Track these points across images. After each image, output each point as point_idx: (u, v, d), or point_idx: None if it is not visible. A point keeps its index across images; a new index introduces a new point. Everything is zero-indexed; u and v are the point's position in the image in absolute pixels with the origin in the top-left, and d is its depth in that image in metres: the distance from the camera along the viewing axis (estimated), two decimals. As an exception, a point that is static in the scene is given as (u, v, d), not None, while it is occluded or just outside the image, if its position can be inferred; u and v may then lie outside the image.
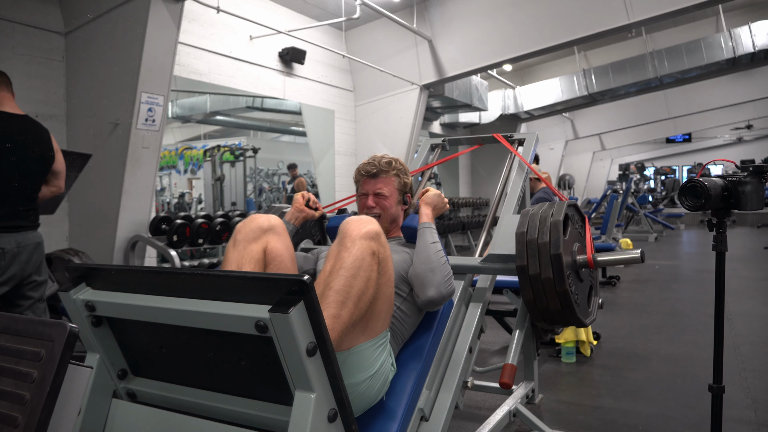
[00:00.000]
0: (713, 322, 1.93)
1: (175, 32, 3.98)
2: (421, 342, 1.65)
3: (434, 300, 1.58)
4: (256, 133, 12.07)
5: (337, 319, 1.23)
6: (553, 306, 1.68)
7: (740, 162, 2.11)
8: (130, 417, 1.23)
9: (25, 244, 2.44)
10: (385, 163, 1.87)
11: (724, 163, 13.49)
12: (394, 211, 1.86)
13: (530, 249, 1.68)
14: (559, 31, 5.85)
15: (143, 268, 1.23)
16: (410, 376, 1.56)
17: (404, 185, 1.90)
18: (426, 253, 1.62)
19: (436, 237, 1.69)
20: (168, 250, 4.02)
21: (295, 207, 1.90)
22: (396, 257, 1.64)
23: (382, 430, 1.44)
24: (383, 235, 1.40)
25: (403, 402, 1.50)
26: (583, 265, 1.76)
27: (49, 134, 2.58)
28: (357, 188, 1.92)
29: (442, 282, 1.58)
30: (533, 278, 1.68)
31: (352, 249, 1.31)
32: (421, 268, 1.60)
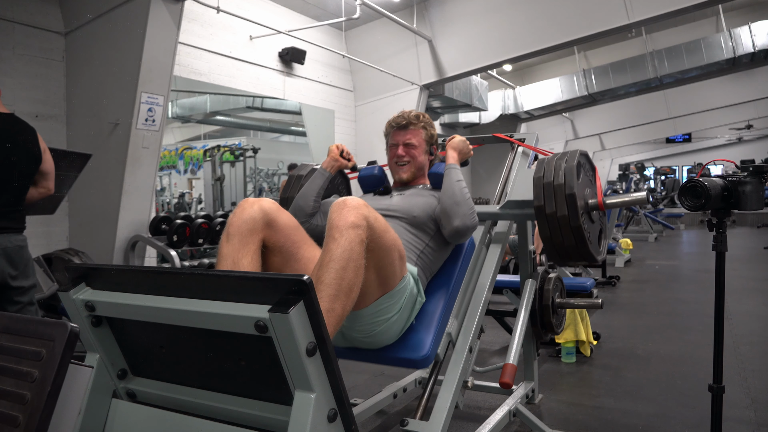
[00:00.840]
0: (713, 322, 1.93)
1: (175, 32, 3.98)
2: (448, 275, 1.87)
3: (460, 230, 1.76)
4: (256, 133, 12.07)
5: (331, 312, 1.26)
6: (569, 242, 1.82)
7: (740, 162, 2.12)
8: (130, 417, 1.23)
9: (5, 246, 2.35)
10: (413, 116, 2.05)
11: (724, 163, 13.49)
12: (421, 160, 2.04)
13: (547, 191, 1.82)
14: (559, 31, 5.85)
15: (143, 268, 1.23)
16: (439, 304, 1.77)
17: (431, 137, 2.08)
18: (452, 188, 1.82)
19: (461, 176, 1.88)
20: (168, 250, 4.02)
21: (330, 157, 2.10)
22: (422, 200, 1.88)
23: (416, 351, 1.64)
24: (371, 215, 1.41)
25: (433, 326, 1.70)
26: (594, 208, 1.90)
27: (36, 134, 2.50)
28: (387, 141, 2.10)
29: (467, 214, 1.78)
30: (550, 217, 1.82)
31: (340, 240, 1.33)
32: (448, 202, 1.79)
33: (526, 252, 2.36)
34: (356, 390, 2.87)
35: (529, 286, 2.28)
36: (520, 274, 2.40)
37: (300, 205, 1.99)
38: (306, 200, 2.00)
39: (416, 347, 1.64)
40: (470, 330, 1.84)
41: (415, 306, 1.67)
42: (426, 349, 1.64)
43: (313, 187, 2.03)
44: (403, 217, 1.85)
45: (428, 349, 1.64)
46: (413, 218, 1.84)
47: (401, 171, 2.04)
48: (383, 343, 1.64)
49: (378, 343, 1.64)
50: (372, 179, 2.12)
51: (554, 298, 2.51)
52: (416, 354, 1.64)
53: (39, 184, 2.54)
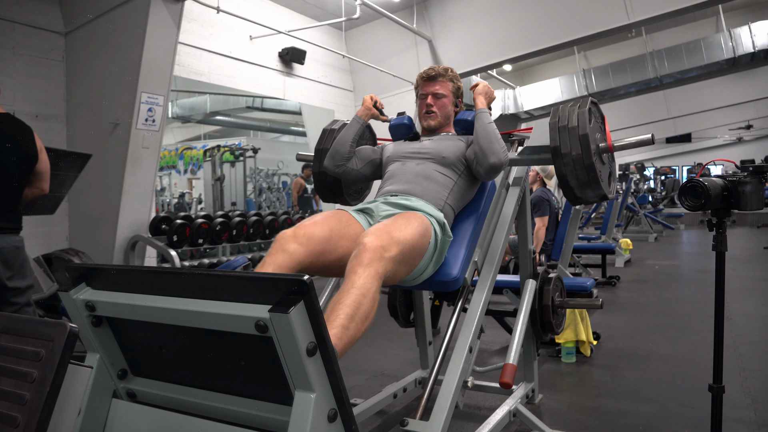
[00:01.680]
0: (713, 322, 1.93)
1: (175, 32, 3.98)
2: (474, 211, 2.09)
3: (495, 165, 1.94)
4: (256, 133, 12.08)
5: (346, 330, 1.32)
6: (582, 179, 1.95)
7: (740, 162, 2.12)
8: (130, 417, 1.23)
9: (1, 247, 2.33)
10: (442, 69, 2.19)
11: (724, 163, 13.49)
12: (448, 110, 2.20)
13: (562, 133, 1.96)
14: (559, 31, 5.86)
15: (143, 268, 1.23)
16: (465, 236, 1.99)
17: (457, 89, 2.23)
18: (485, 129, 2.00)
19: (491, 119, 2.05)
20: (168, 250, 4.02)
21: (365, 106, 2.24)
22: (451, 144, 2.07)
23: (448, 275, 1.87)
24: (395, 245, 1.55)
25: (461, 255, 1.92)
26: (604, 150, 2.02)
27: (33, 133, 2.48)
28: (417, 93, 2.24)
29: (501, 150, 1.95)
30: (565, 156, 1.95)
31: (362, 275, 1.45)
32: (484, 141, 1.96)
33: (526, 252, 2.36)
34: (356, 390, 2.87)
35: (529, 286, 2.28)
36: (520, 274, 2.40)
37: (338, 150, 2.18)
38: (343, 145, 2.18)
39: (447, 272, 1.88)
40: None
41: (445, 246, 1.86)
42: (456, 272, 1.87)
43: (350, 133, 2.20)
44: (434, 158, 2.04)
45: (458, 272, 1.87)
46: (443, 158, 2.03)
47: (429, 118, 2.19)
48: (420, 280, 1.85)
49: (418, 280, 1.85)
50: (402, 128, 2.28)
51: (554, 298, 2.51)
52: (447, 276, 1.87)
53: (33, 183, 2.52)
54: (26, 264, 2.48)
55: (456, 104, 2.24)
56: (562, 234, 4.50)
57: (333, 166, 2.20)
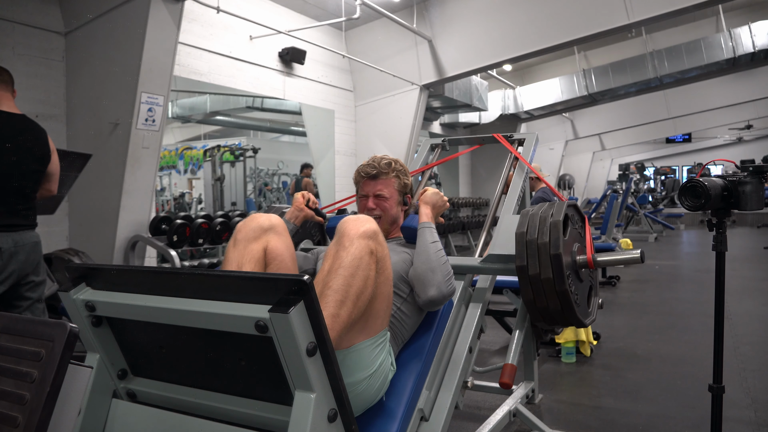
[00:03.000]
0: (713, 322, 1.93)
1: (175, 32, 3.98)
2: (421, 342, 1.66)
3: (435, 299, 1.58)
4: (256, 133, 12.07)
5: (336, 318, 1.24)
6: (553, 306, 1.68)
7: (740, 162, 2.12)
8: (130, 417, 1.23)
9: (23, 244, 2.43)
10: (384, 164, 1.87)
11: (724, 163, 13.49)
12: (394, 212, 1.87)
13: (530, 249, 1.68)
14: (559, 31, 5.85)
15: (143, 268, 1.23)
16: (410, 376, 1.57)
17: (404, 186, 1.90)
18: (426, 252, 1.63)
19: (435, 236, 1.70)
20: (168, 250, 4.02)
21: (295, 206, 1.90)
22: (396, 258, 1.66)
23: (382, 429, 1.44)
24: (381, 234, 1.40)
25: (403, 402, 1.50)
26: (582, 266, 1.77)
27: (47, 135, 2.57)
28: (357, 190, 1.93)
29: (443, 281, 1.59)
30: (533, 278, 1.68)
31: (350, 248, 1.31)
32: (422, 267, 1.61)
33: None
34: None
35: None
36: (520, 274, 2.39)
37: None
38: None
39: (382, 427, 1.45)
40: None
41: (388, 377, 1.49)
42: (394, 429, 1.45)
43: None
44: None
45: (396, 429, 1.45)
46: None
47: None
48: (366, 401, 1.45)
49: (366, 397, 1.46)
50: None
51: (554, 298, 2.50)
52: None
53: (42, 185, 2.60)
54: (41, 260, 2.57)
55: (405, 202, 1.91)
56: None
57: None
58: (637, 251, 1.78)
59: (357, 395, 1.39)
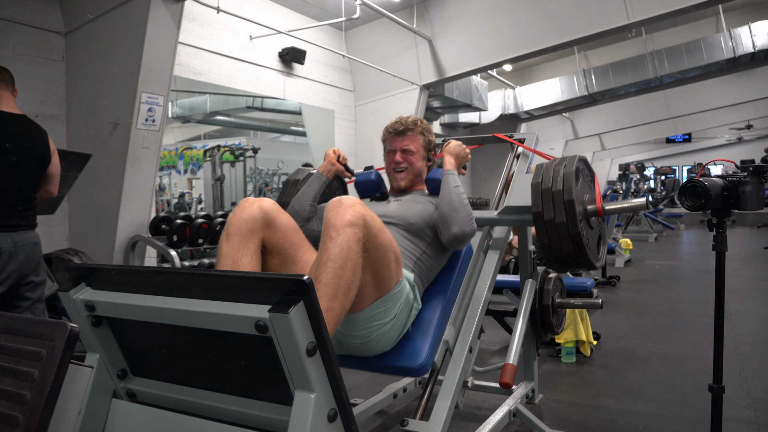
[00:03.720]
0: (713, 322, 1.93)
1: (175, 32, 3.98)
2: (445, 282, 1.84)
3: (458, 236, 1.74)
4: (256, 133, 12.07)
5: (329, 312, 1.26)
6: (567, 248, 1.81)
7: (740, 162, 2.12)
8: (130, 417, 1.23)
9: (23, 244, 2.43)
10: (411, 122, 2.03)
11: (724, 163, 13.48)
12: (419, 166, 2.03)
13: (545, 197, 1.82)
14: (559, 31, 5.85)
15: (143, 268, 1.23)
16: (435, 311, 1.75)
17: (429, 143, 2.06)
18: (450, 195, 1.79)
19: (458, 182, 1.85)
20: (168, 250, 4.02)
21: (327, 161, 2.06)
22: (420, 206, 1.86)
23: (413, 359, 1.61)
24: (367, 213, 1.41)
25: (429, 334, 1.67)
26: (592, 214, 1.89)
27: (47, 136, 2.57)
28: (384, 147, 2.08)
29: (466, 220, 1.75)
30: (548, 223, 1.81)
31: (337, 239, 1.33)
32: (446, 208, 1.77)
33: (526, 252, 2.36)
34: (356, 390, 2.87)
35: (529, 286, 2.28)
36: (520, 274, 2.40)
37: (296, 210, 1.95)
38: (302, 204, 1.96)
39: (413, 355, 1.62)
40: (468, 337, 1.82)
41: (411, 312, 1.65)
42: (422, 358, 1.61)
43: (309, 192, 1.99)
44: (399, 223, 1.83)
45: (425, 358, 1.62)
46: (410, 225, 1.82)
47: (399, 178, 2.03)
48: (379, 350, 1.63)
49: (374, 351, 1.63)
50: (369, 184, 2.09)
51: (554, 298, 2.51)
52: (413, 362, 1.61)
53: (42, 186, 2.59)
54: (41, 260, 2.57)
55: (428, 158, 2.07)
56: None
57: None
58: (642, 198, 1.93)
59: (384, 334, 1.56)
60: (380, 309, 1.53)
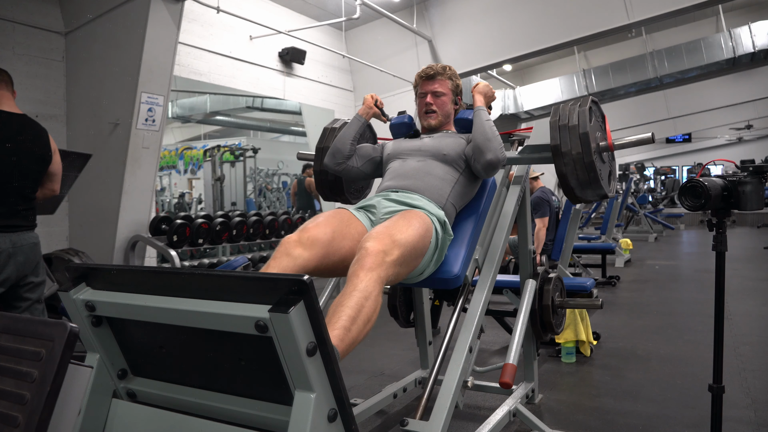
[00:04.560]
0: (713, 322, 1.93)
1: (175, 32, 3.98)
2: (475, 209, 2.10)
3: (492, 162, 1.95)
4: (256, 133, 12.08)
5: (347, 331, 1.32)
6: (582, 176, 1.96)
7: (740, 162, 2.12)
8: (130, 417, 1.23)
9: (21, 244, 2.42)
10: (440, 67, 2.19)
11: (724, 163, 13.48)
12: (448, 108, 2.20)
13: (562, 132, 1.97)
14: (559, 31, 5.85)
15: (143, 268, 1.23)
16: (466, 233, 2.01)
17: (456, 87, 2.23)
18: (482, 126, 2.00)
19: (489, 117, 2.06)
20: (168, 250, 4.02)
21: (366, 104, 2.25)
22: (452, 141, 2.07)
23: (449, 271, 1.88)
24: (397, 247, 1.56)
25: (462, 253, 1.94)
26: (604, 149, 2.03)
27: (48, 135, 2.56)
28: (416, 92, 2.24)
29: (498, 148, 1.96)
30: (566, 154, 1.96)
31: (364, 279, 1.44)
32: (480, 138, 1.97)
33: (526, 252, 2.36)
34: (356, 390, 2.87)
35: (529, 286, 2.28)
36: (520, 274, 2.40)
37: (338, 148, 2.18)
38: (344, 143, 2.18)
39: (448, 270, 1.89)
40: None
41: (445, 245, 1.87)
42: (457, 270, 1.88)
43: (350, 132, 2.21)
44: (434, 155, 2.05)
45: (459, 270, 1.88)
46: (444, 156, 2.04)
47: (429, 118, 2.19)
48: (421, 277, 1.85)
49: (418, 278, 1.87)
50: (403, 127, 2.30)
51: (554, 298, 2.51)
52: (448, 274, 1.88)
53: (45, 185, 2.59)
54: (41, 261, 2.56)
55: (456, 102, 2.24)
56: (562, 234, 4.50)
57: (333, 164, 2.20)
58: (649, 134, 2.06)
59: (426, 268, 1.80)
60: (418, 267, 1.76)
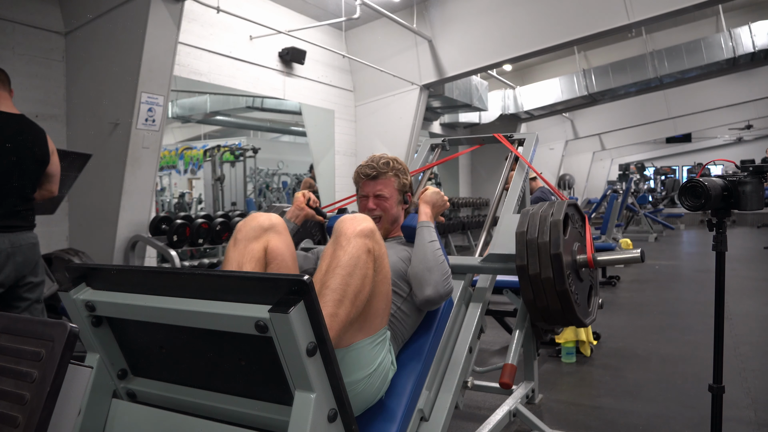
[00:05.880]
0: (713, 322, 1.93)
1: (175, 32, 3.98)
2: (421, 342, 1.66)
3: (432, 299, 1.58)
4: (256, 133, 12.07)
5: (334, 317, 1.24)
6: (553, 305, 1.69)
7: (740, 162, 2.11)
8: (130, 417, 1.23)
9: (20, 245, 2.41)
10: (383, 164, 1.86)
11: (724, 163, 13.49)
12: (395, 212, 1.86)
13: (530, 248, 1.68)
14: (559, 31, 5.85)
15: (143, 268, 1.23)
16: (410, 376, 1.56)
17: (404, 185, 1.89)
18: (423, 252, 1.63)
19: (434, 236, 1.69)
20: (168, 250, 4.01)
21: (295, 205, 1.89)
22: (396, 257, 1.66)
23: (382, 429, 1.44)
24: (378, 233, 1.40)
25: (402, 402, 1.50)
26: (583, 265, 1.77)
27: (46, 135, 2.55)
28: (357, 190, 1.92)
29: (440, 281, 1.58)
30: (533, 278, 1.68)
31: (347, 247, 1.31)
32: (419, 267, 1.61)
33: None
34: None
35: (529, 286, 2.26)
36: (520, 274, 2.39)
37: None
38: None
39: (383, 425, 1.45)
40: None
41: (388, 376, 1.49)
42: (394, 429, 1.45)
43: None
44: None
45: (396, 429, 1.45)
46: None
47: None
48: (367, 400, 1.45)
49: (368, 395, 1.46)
50: None
51: (554, 298, 2.50)
52: None
53: (43, 186, 2.59)
54: (40, 261, 2.56)
55: (405, 200, 1.90)
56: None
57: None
58: (638, 251, 1.79)
59: (357, 394, 1.39)
60: (361, 353, 1.40)
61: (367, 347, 1.41)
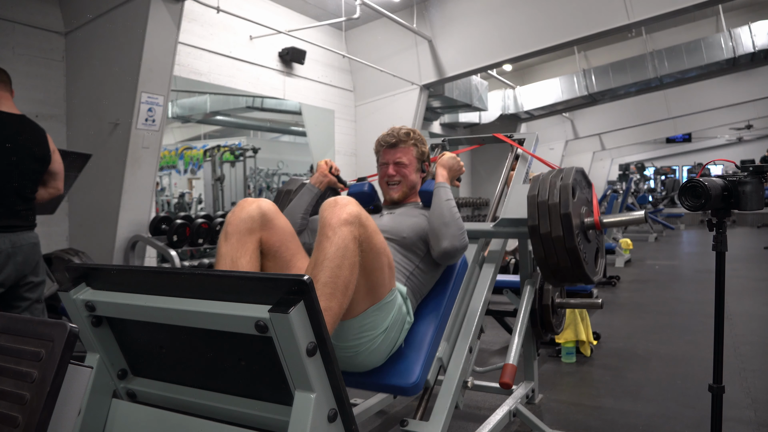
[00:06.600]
0: (713, 322, 1.93)
1: (175, 32, 3.98)
2: (439, 297, 1.79)
3: (448, 251, 1.69)
4: (256, 133, 12.07)
5: (328, 311, 1.26)
6: (563, 263, 1.77)
7: (740, 162, 2.11)
8: (130, 417, 1.22)
9: (21, 245, 2.42)
10: (403, 133, 1.97)
11: (724, 163, 13.48)
12: (413, 178, 1.97)
13: (541, 210, 1.78)
14: (559, 31, 5.85)
15: (143, 268, 1.23)
16: (429, 327, 1.69)
17: (422, 154, 2.00)
18: (440, 208, 1.75)
19: (450, 195, 1.81)
20: (168, 250, 4.01)
21: (319, 172, 2.02)
22: (414, 219, 1.81)
23: (404, 377, 1.55)
24: (363, 213, 1.40)
25: (423, 351, 1.62)
26: (590, 227, 1.86)
27: (46, 135, 2.56)
28: (377, 159, 2.02)
29: (456, 234, 1.70)
30: (544, 237, 1.77)
31: (333, 238, 1.32)
32: (436, 222, 1.73)
33: (527, 252, 2.36)
34: (356, 390, 2.87)
35: (529, 286, 2.28)
36: (520, 274, 2.40)
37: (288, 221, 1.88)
38: (293, 217, 1.91)
39: (404, 373, 1.55)
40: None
41: (404, 327, 1.60)
42: (415, 376, 1.55)
43: (301, 204, 1.96)
44: (392, 237, 1.77)
45: (417, 376, 1.55)
46: (402, 239, 1.77)
47: (392, 191, 1.97)
48: (369, 365, 1.57)
49: (363, 365, 1.57)
50: (362, 196, 2.02)
51: (554, 298, 2.51)
52: (404, 380, 1.55)
53: (48, 184, 2.59)
54: (41, 260, 2.56)
55: (423, 169, 2.01)
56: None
57: None
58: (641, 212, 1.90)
59: (377, 346, 1.50)
60: (371, 318, 1.48)
61: (375, 312, 1.48)
